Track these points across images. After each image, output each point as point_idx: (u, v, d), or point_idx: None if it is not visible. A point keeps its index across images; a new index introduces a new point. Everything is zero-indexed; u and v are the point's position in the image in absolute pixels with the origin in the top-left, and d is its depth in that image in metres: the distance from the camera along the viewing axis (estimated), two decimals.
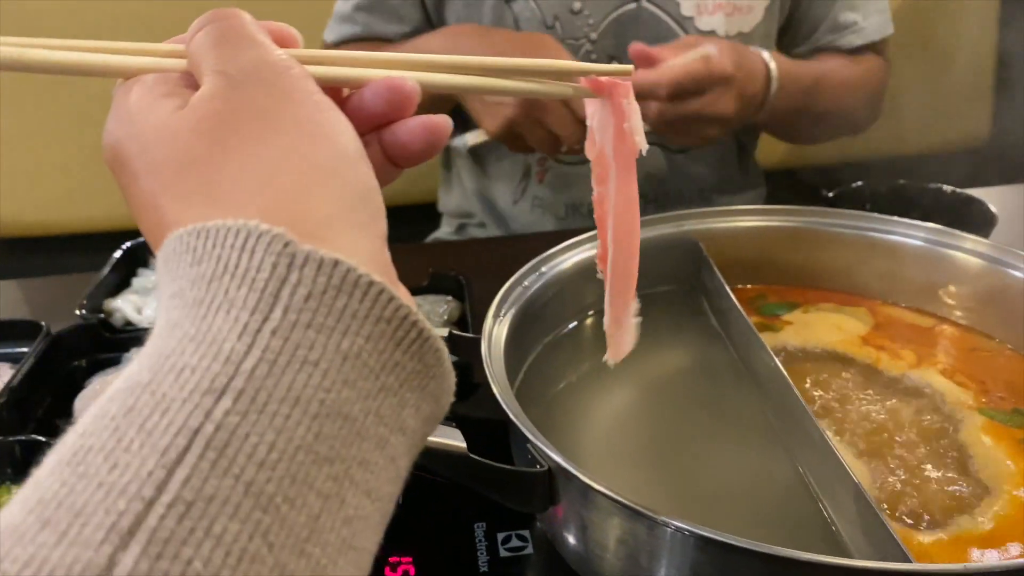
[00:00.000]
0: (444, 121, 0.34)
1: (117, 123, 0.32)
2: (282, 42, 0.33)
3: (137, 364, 0.25)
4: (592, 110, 0.43)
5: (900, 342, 0.68)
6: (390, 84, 0.34)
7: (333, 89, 0.34)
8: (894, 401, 0.61)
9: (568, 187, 1.10)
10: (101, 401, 0.24)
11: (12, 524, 0.21)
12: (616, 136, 0.42)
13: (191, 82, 0.32)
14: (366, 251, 0.28)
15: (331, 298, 0.25)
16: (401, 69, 0.35)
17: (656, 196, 1.10)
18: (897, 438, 0.57)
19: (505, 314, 0.60)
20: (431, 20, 1.10)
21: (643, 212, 0.48)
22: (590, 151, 0.44)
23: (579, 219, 1.12)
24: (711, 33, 1.06)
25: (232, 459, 0.22)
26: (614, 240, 0.46)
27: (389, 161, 0.34)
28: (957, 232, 0.69)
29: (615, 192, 0.44)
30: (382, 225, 0.30)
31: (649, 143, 1.18)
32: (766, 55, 0.97)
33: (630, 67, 0.41)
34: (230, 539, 0.21)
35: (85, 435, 0.23)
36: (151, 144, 0.30)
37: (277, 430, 0.23)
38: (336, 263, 0.26)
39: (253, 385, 0.23)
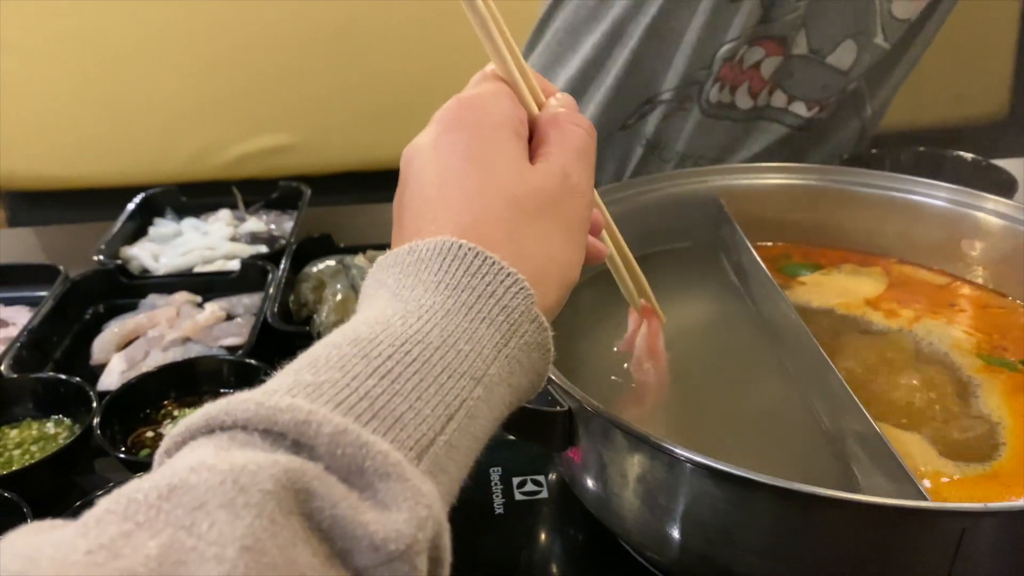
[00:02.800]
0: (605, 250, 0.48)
1: (468, 109, 0.41)
2: None
3: (423, 321, 0.33)
4: (635, 326, 0.59)
5: (912, 299, 0.68)
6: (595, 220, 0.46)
7: None
8: (904, 352, 0.61)
9: None
10: (399, 332, 0.33)
11: (349, 402, 0.29)
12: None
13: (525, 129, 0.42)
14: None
15: (541, 347, 0.38)
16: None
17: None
18: (905, 382, 0.58)
19: None
20: None
21: None
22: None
23: None
24: None
25: (470, 427, 0.33)
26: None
27: None
28: (979, 192, 0.69)
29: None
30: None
31: (791, 126, 1.04)
32: None
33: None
34: (454, 474, 0.32)
35: (391, 360, 0.31)
36: (515, 180, 0.39)
37: (491, 418, 0.35)
38: (546, 330, 0.38)
39: (491, 383, 0.34)
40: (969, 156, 0.95)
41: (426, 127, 0.42)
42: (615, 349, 0.61)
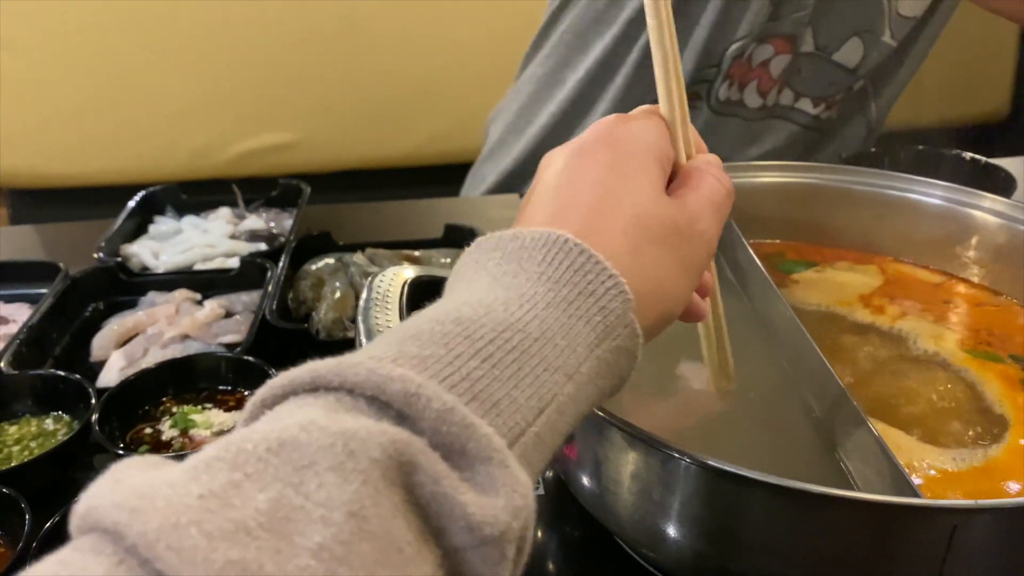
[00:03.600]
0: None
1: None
2: None
3: (524, 311, 0.34)
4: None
5: (906, 297, 0.68)
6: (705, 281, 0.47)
7: None
8: (897, 349, 0.62)
9: None
10: (500, 317, 0.33)
11: (451, 380, 0.30)
12: None
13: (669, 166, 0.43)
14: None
15: (629, 352, 0.37)
16: None
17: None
18: (898, 378, 0.58)
19: None
20: None
21: None
22: None
23: None
24: None
25: (557, 423, 0.33)
26: None
27: None
28: (976, 191, 0.69)
29: None
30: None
31: (800, 124, 1.06)
32: None
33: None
34: (537, 466, 0.32)
35: (492, 344, 0.32)
36: (647, 201, 0.40)
37: (576, 415, 0.35)
38: (637, 336, 0.37)
39: (581, 381, 0.34)
40: (969, 155, 0.95)
41: (578, 135, 0.43)
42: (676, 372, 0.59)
